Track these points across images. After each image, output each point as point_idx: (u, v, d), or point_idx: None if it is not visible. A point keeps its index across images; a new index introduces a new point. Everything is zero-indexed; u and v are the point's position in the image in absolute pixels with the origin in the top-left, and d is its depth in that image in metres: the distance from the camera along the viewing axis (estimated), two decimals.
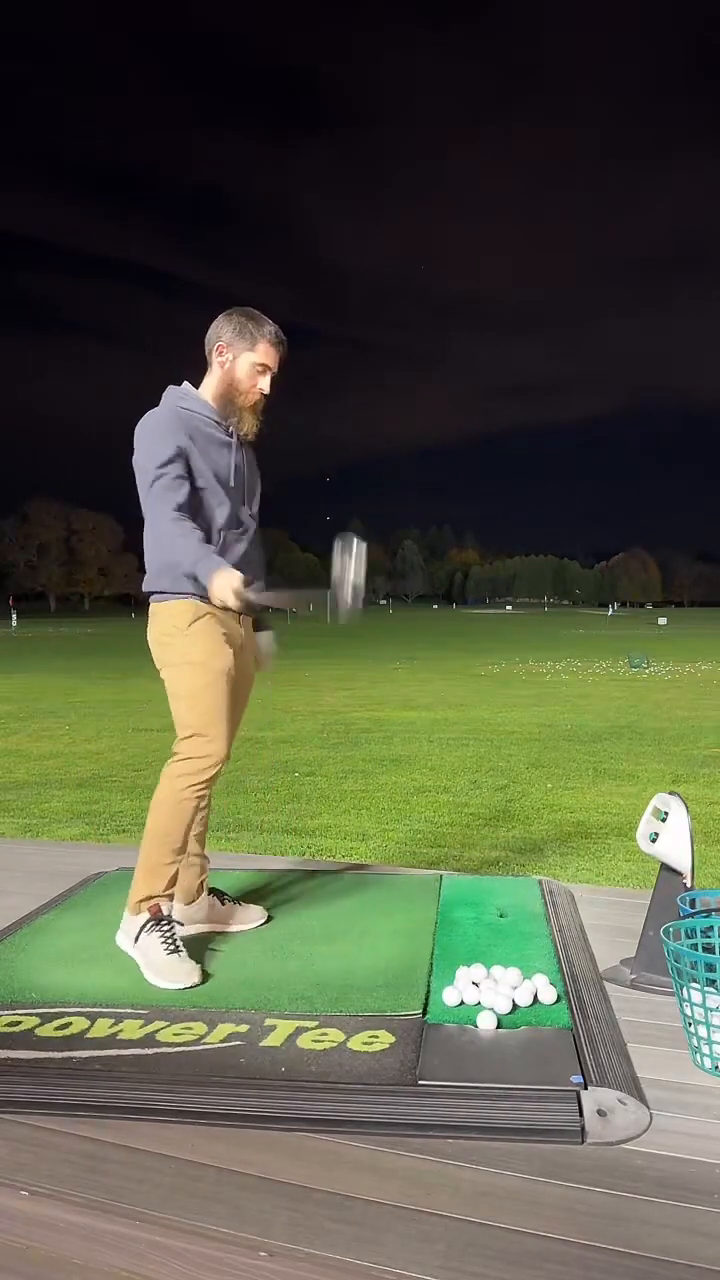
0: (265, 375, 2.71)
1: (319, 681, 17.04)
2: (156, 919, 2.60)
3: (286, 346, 2.73)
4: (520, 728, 10.40)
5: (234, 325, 2.68)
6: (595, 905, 3.17)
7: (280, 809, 6.31)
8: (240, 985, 2.45)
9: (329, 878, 3.46)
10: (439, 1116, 1.84)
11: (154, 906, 2.62)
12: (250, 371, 2.69)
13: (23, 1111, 1.91)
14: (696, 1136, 1.79)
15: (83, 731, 10.53)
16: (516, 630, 50.32)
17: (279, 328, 2.72)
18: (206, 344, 2.71)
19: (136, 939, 2.60)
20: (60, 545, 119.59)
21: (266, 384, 2.72)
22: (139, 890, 2.65)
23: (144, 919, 2.61)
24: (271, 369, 2.71)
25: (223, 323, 2.69)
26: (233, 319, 2.69)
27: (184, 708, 2.64)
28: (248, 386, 2.70)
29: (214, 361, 2.70)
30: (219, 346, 2.68)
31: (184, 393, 2.71)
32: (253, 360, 2.68)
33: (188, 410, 2.66)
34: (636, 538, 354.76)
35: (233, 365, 2.68)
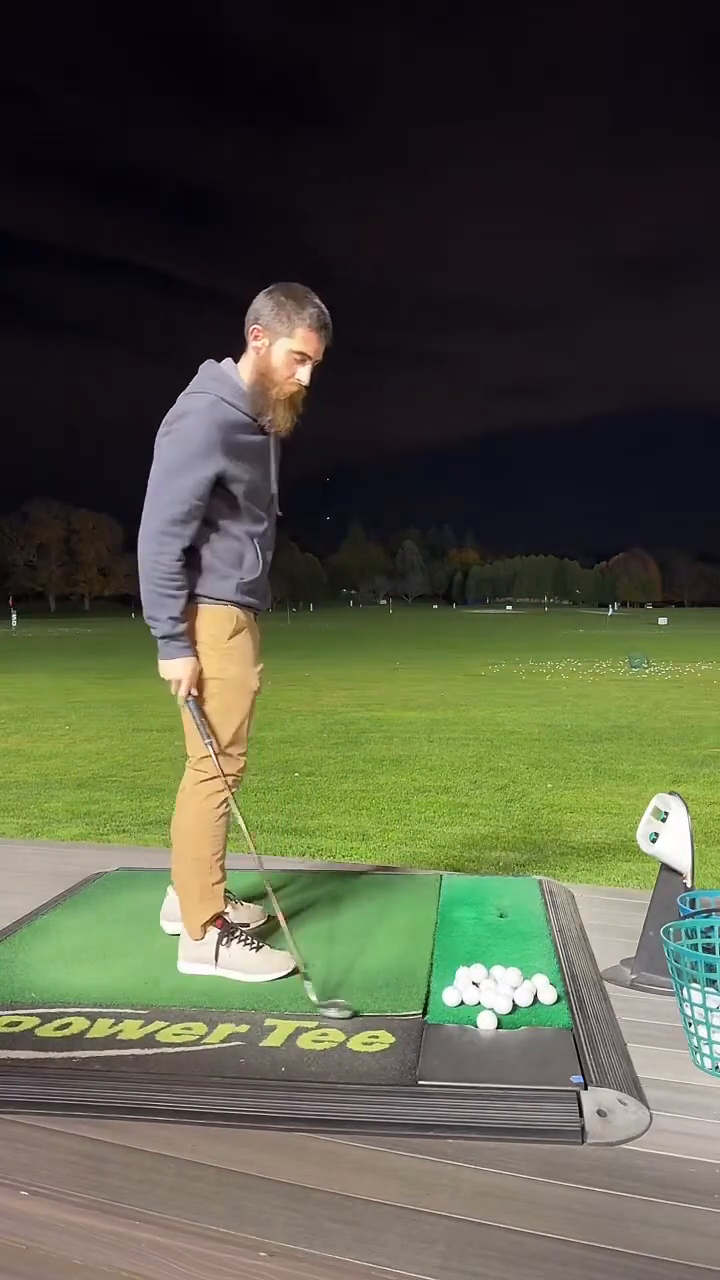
0: (304, 365, 2.43)
1: (319, 681, 17.04)
2: (228, 930, 2.55)
3: (331, 331, 2.45)
4: (520, 728, 10.40)
5: (272, 305, 2.40)
6: (595, 905, 3.17)
7: (280, 809, 6.31)
8: (240, 985, 2.45)
9: (329, 878, 3.46)
10: (439, 1116, 1.83)
11: (219, 921, 2.55)
12: (287, 360, 2.41)
13: (23, 1111, 1.91)
14: (696, 1136, 1.79)
15: (83, 731, 10.53)
16: (516, 630, 50.31)
17: (324, 309, 2.43)
18: (246, 322, 2.44)
19: (217, 958, 2.51)
20: (60, 545, 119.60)
21: (306, 374, 2.44)
22: (198, 916, 2.54)
23: (215, 936, 2.53)
24: (312, 358, 2.44)
25: (262, 300, 2.42)
26: (273, 296, 2.41)
27: (214, 724, 2.53)
28: (283, 377, 2.43)
29: (249, 343, 2.44)
30: (255, 329, 2.41)
31: (222, 378, 2.43)
32: (290, 348, 2.41)
33: (225, 405, 2.39)
34: (636, 538, 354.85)
35: (268, 352, 2.42)
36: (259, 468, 2.51)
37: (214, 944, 2.53)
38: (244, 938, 2.55)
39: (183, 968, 2.57)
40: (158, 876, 3.44)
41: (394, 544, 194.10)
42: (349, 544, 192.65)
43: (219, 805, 2.57)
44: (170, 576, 2.39)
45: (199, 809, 2.57)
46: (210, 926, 2.55)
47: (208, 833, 2.56)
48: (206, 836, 2.56)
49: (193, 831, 2.58)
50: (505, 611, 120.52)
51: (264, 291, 2.45)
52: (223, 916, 2.59)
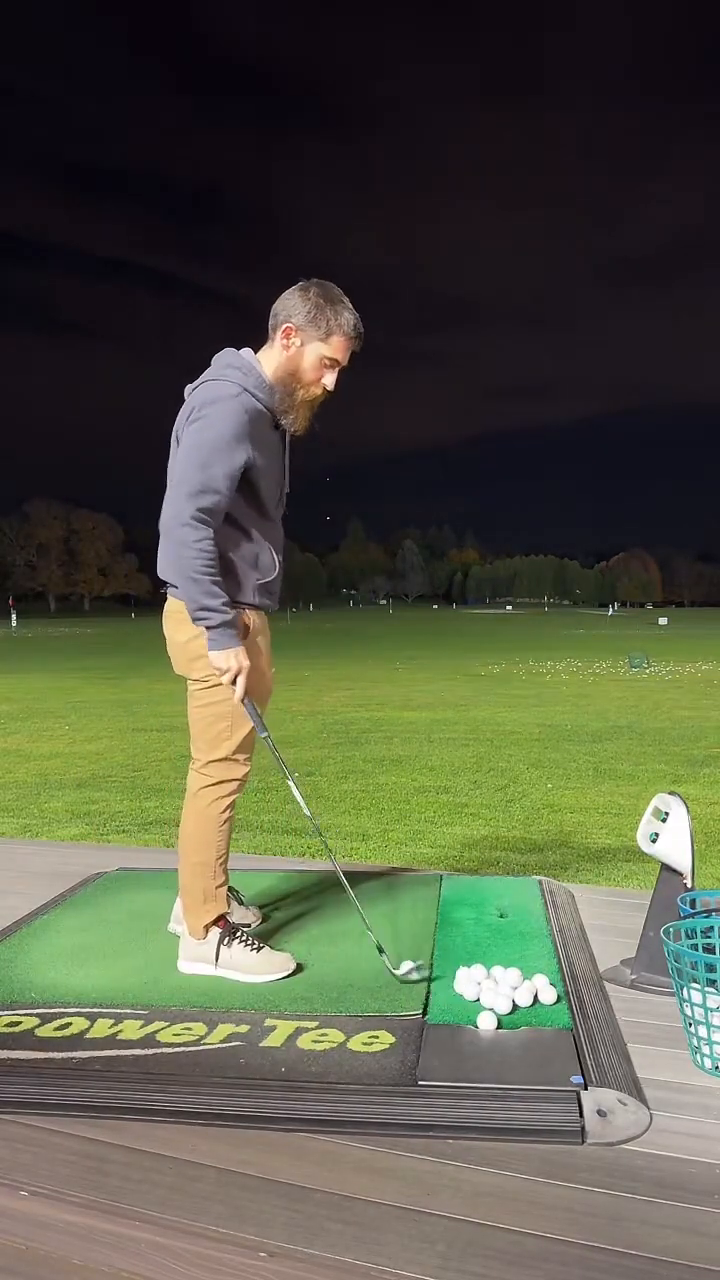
0: (333, 370, 2.40)
1: (319, 681, 17.04)
2: (230, 930, 2.54)
3: (363, 340, 2.41)
4: (520, 728, 10.40)
5: (310, 307, 2.34)
6: (595, 905, 3.17)
7: (280, 809, 6.30)
8: (240, 985, 2.45)
9: (329, 878, 3.46)
10: (439, 1117, 1.83)
11: (221, 922, 2.55)
12: (317, 364, 2.38)
13: (23, 1111, 1.91)
14: (696, 1136, 1.79)
15: (83, 731, 10.53)
16: (516, 630, 50.31)
17: (359, 318, 2.39)
18: (273, 315, 2.38)
19: (217, 958, 2.51)
20: (60, 545, 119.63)
21: (332, 380, 2.41)
22: (199, 917, 2.54)
23: (217, 936, 2.52)
24: (342, 364, 2.41)
25: (298, 299, 2.36)
26: (310, 297, 2.35)
27: (224, 729, 2.50)
28: (311, 379, 2.39)
29: (277, 340, 2.37)
30: (287, 328, 2.35)
31: (246, 369, 2.36)
32: (322, 352, 2.37)
33: (249, 395, 2.33)
34: (636, 538, 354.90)
35: (299, 352, 2.37)
36: (274, 465, 2.47)
37: (215, 944, 2.52)
38: (245, 938, 2.54)
39: (183, 967, 2.56)
40: (157, 876, 3.44)
41: (394, 544, 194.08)
42: (349, 544, 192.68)
43: (223, 810, 2.56)
44: (212, 563, 2.31)
45: (202, 813, 2.56)
46: (212, 927, 2.55)
47: (211, 837, 2.55)
48: (210, 841, 2.55)
49: (195, 835, 2.56)
50: (505, 611, 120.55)
51: (298, 289, 2.39)
52: (225, 917, 2.58)
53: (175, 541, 2.31)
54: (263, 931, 2.85)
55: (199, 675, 2.50)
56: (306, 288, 2.39)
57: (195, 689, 2.54)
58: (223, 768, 2.54)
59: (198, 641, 2.44)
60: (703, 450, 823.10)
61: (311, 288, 2.38)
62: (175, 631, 2.51)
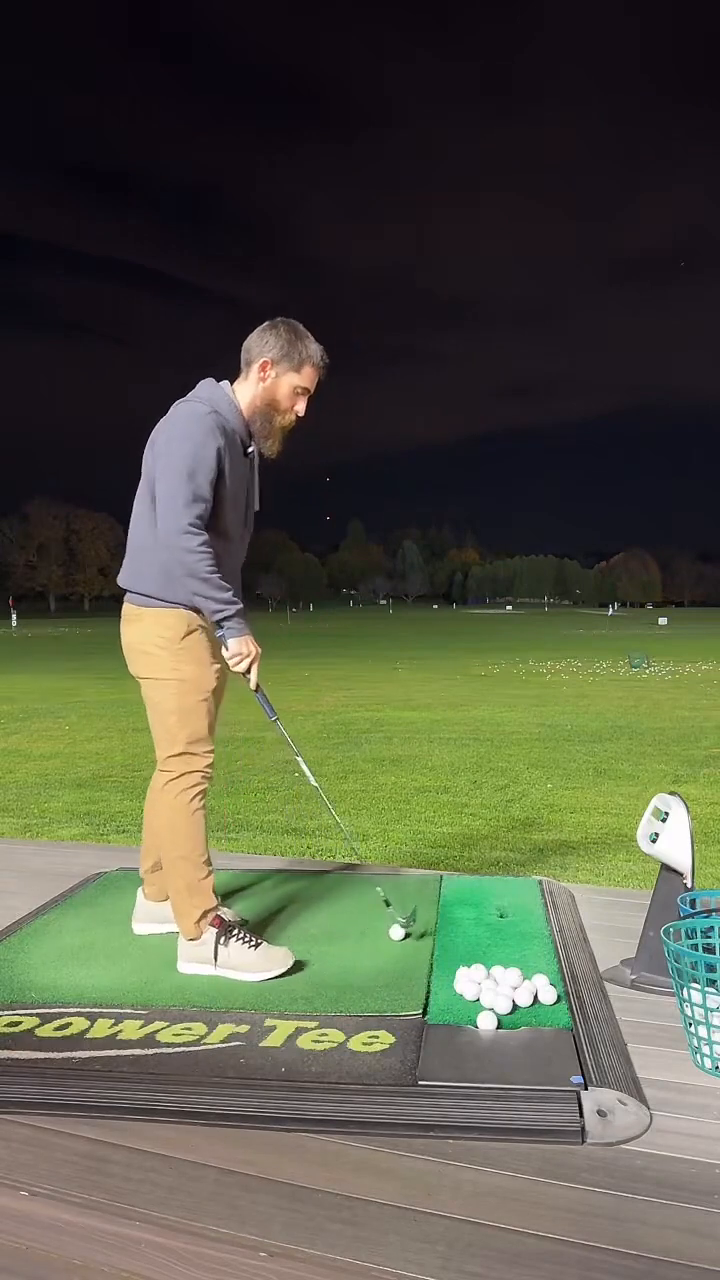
0: (304, 398, 2.62)
1: (319, 681, 17.04)
2: (225, 929, 2.55)
3: (328, 369, 2.65)
4: (520, 728, 10.40)
5: (282, 342, 2.57)
6: (595, 905, 3.17)
7: (280, 809, 6.31)
8: (240, 985, 2.45)
9: (329, 878, 3.46)
10: (439, 1117, 1.83)
11: (215, 919, 2.57)
12: (290, 393, 2.60)
13: (23, 1111, 1.91)
14: (696, 1136, 1.79)
15: (83, 731, 10.53)
16: (516, 630, 50.32)
17: (324, 349, 2.63)
18: (246, 351, 2.60)
19: (216, 958, 2.52)
20: (60, 545, 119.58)
21: (304, 407, 2.63)
22: (190, 913, 2.56)
23: (213, 935, 2.54)
24: (311, 392, 2.63)
25: (269, 336, 2.58)
26: (280, 334, 2.57)
27: (174, 724, 2.59)
28: (286, 407, 2.61)
29: (253, 374, 2.58)
30: (264, 361, 2.56)
31: (221, 398, 2.56)
32: (295, 382, 2.59)
33: (220, 417, 2.52)
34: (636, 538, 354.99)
35: (274, 384, 2.58)
36: (240, 490, 2.62)
37: (212, 943, 2.53)
38: (241, 935, 2.55)
39: (183, 968, 2.57)
40: None
41: (394, 544, 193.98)
42: (349, 544, 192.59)
43: (192, 801, 2.60)
44: (213, 565, 2.47)
45: (171, 807, 2.60)
46: (206, 925, 2.55)
47: (186, 830, 2.59)
48: (186, 834, 2.59)
49: (169, 830, 2.61)
50: (505, 611, 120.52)
51: (267, 327, 2.60)
52: (217, 914, 2.59)
53: (179, 549, 2.44)
54: (262, 932, 2.85)
55: (145, 674, 2.62)
56: (275, 325, 2.60)
57: (145, 688, 2.65)
58: (182, 761, 2.60)
59: (144, 642, 2.59)
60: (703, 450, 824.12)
61: (280, 325, 2.60)
62: (127, 632, 2.65)
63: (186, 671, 2.57)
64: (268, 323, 2.61)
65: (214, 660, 2.64)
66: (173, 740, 2.60)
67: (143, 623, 2.59)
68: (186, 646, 2.57)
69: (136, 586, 2.59)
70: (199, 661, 2.60)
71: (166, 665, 2.57)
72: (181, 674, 2.57)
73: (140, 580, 2.58)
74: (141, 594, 2.58)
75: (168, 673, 2.57)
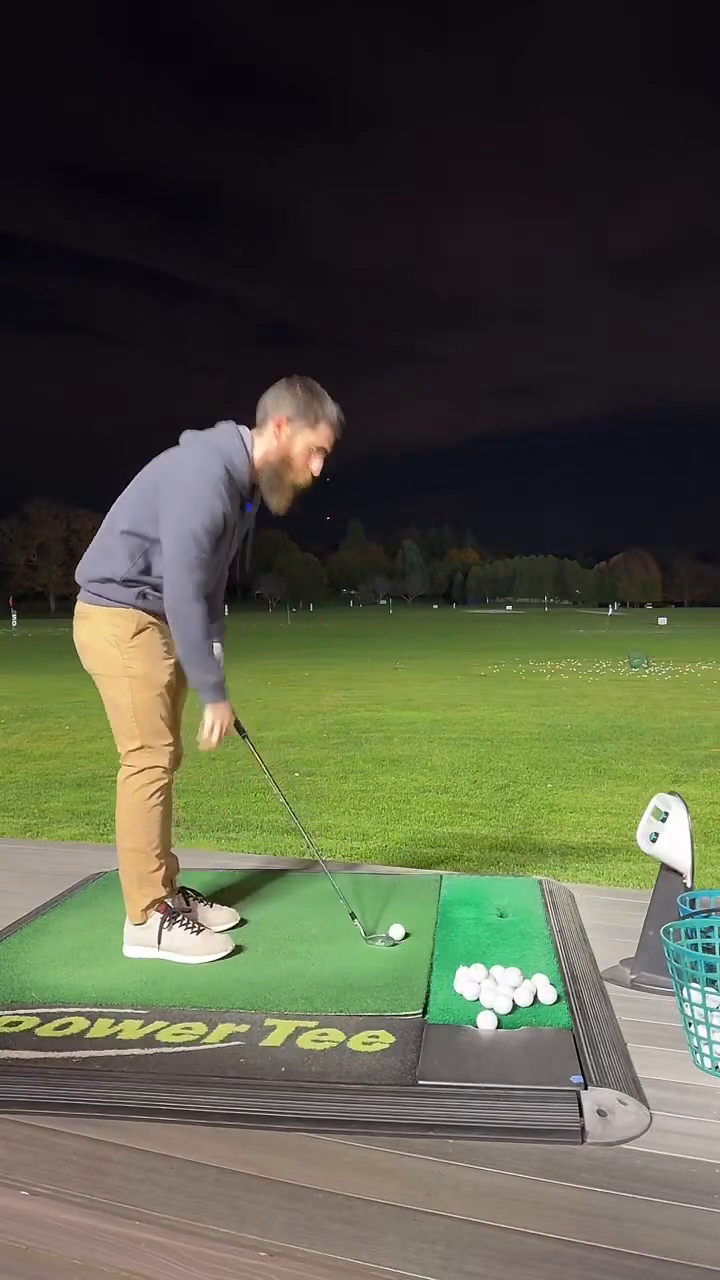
0: (319, 457, 2.63)
1: (319, 681, 17.04)
2: (169, 915, 2.66)
3: (344, 430, 2.65)
4: (520, 728, 10.40)
5: (300, 401, 2.57)
6: (595, 905, 3.17)
7: (280, 809, 6.31)
8: (240, 985, 2.45)
9: (329, 877, 3.46)
10: (439, 1116, 1.84)
11: (161, 906, 2.67)
12: (306, 452, 2.60)
13: (23, 1111, 1.91)
14: (696, 1136, 1.79)
15: (83, 731, 10.53)
16: (516, 630, 50.32)
17: (340, 409, 2.64)
18: (262, 408, 2.60)
19: (159, 941, 2.64)
20: (60, 545, 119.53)
21: (319, 466, 2.64)
22: (138, 901, 2.67)
23: (157, 920, 2.65)
24: (327, 451, 2.64)
25: (286, 393, 2.58)
26: (298, 393, 2.58)
27: (129, 720, 2.63)
28: (301, 465, 2.62)
29: (269, 429, 2.59)
30: (280, 419, 2.57)
31: (237, 451, 2.56)
32: (311, 441, 2.59)
33: (231, 478, 2.53)
34: (636, 538, 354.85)
35: (289, 441, 2.59)
36: (230, 536, 2.63)
37: (156, 927, 2.64)
38: (185, 922, 2.66)
39: (128, 951, 2.68)
40: None
41: (394, 544, 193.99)
42: (349, 544, 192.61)
43: (150, 796, 2.64)
44: (208, 632, 2.54)
45: (130, 801, 2.65)
46: (152, 911, 2.65)
47: (140, 823, 2.65)
48: (140, 827, 2.65)
49: (125, 822, 2.67)
50: (505, 611, 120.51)
51: (284, 385, 2.60)
52: (164, 902, 2.68)
53: (183, 617, 2.51)
54: (263, 931, 2.86)
55: (97, 670, 2.67)
56: (292, 383, 2.60)
57: (99, 685, 2.69)
58: (142, 755, 2.65)
59: (95, 639, 2.63)
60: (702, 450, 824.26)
61: (297, 383, 2.60)
62: (78, 630, 2.69)
63: (138, 668, 2.61)
64: (285, 380, 2.61)
65: (166, 656, 2.67)
66: (130, 735, 2.65)
67: (92, 620, 2.64)
68: (137, 644, 2.61)
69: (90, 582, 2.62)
70: (150, 658, 2.63)
71: (118, 662, 2.61)
72: (133, 670, 2.61)
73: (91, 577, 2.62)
74: (94, 593, 2.62)
75: (119, 669, 2.62)
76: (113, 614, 2.61)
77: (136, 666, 2.61)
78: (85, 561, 2.67)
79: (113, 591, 2.59)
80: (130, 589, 2.59)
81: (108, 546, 2.60)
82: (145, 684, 2.62)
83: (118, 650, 2.60)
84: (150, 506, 2.54)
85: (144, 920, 2.66)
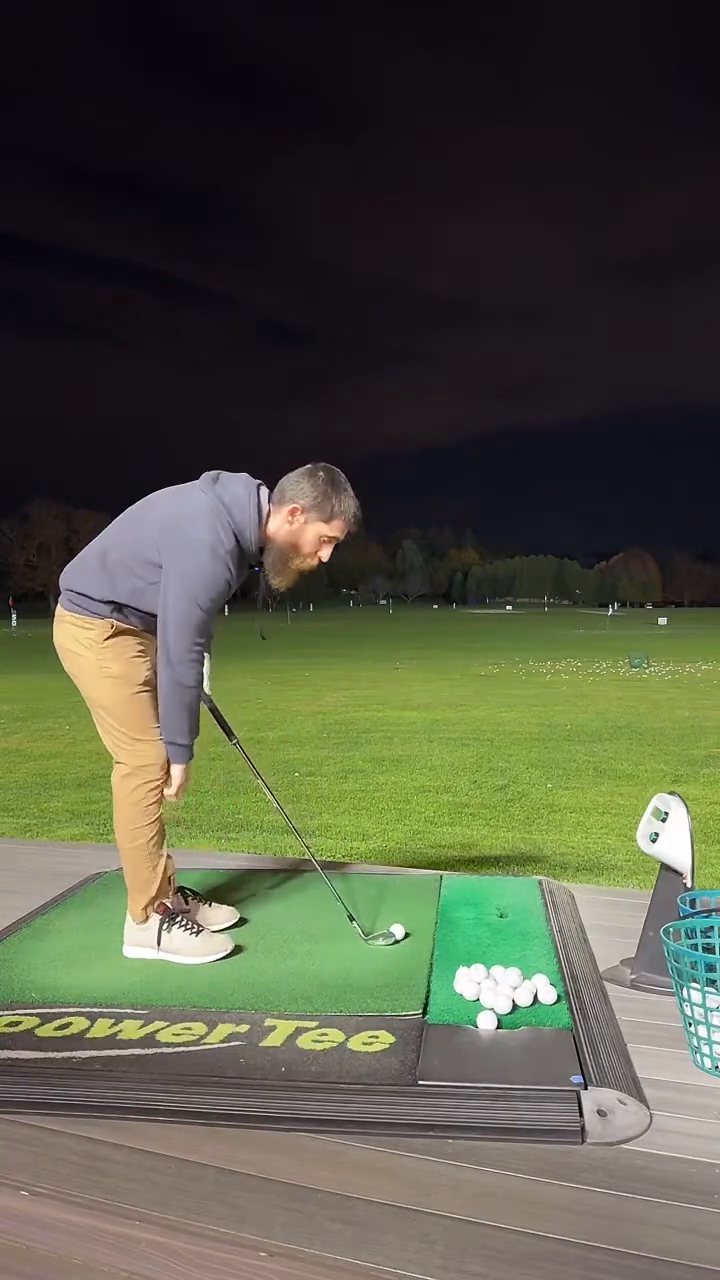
0: (329, 546, 2.63)
1: (319, 681, 17.03)
2: (170, 916, 2.67)
3: (360, 524, 2.65)
4: (520, 728, 10.40)
5: (318, 492, 2.55)
6: (595, 905, 3.17)
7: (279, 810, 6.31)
8: (240, 985, 2.45)
9: (328, 878, 3.46)
10: (439, 1116, 1.83)
11: (160, 907, 2.68)
12: (316, 541, 2.60)
13: (23, 1111, 1.91)
14: (696, 1136, 1.79)
15: (83, 731, 10.52)
16: (516, 630, 50.32)
17: (359, 505, 2.63)
18: (280, 492, 2.58)
19: (159, 942, 2.65)
20: (60, 545, 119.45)
21: (328, 554, 2.64)
22: (139, 900, 2.68)
23: (157, 921, 2.66)
24: (339, 540, 2.64)
25: (306, 483, 2.57)
26: (319, 484, 2.56)
27: (115, 720, 2.64)
28: (309, 551, 2.62)
29: (283, 513, 2.56)
30: (294, 507, 2.55)
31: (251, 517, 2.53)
32: (323, 532, 2.59)
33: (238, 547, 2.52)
34: (636, 538, 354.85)
35: (301, 529, 2.58)
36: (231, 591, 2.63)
37: (156, 928, 2.65)
38: (185, 923, 2.66)
39: (128, 952, 2.68)
40: None
41: (394, 544, 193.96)
42: (349, 544, 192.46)
43: (146, 795, 2.64)
44: (194, 685, 2.55)
45: (127, 802, 2.66)
46: (152, 911, 2.66)
47: (138, 822, 2.65)
48: (139, 824, 2.65)
49: (123, 824, 2.67)
50: (505, 611, 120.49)
51: (307, 473, 2.58)
52: (164, 903, 2.69)
53: (179, 680, 2.51)
54: (263, 931, 2.86)
55: (76, 672, 2.67)
56: (315, 472, 2.58)
57: (81, 688, 2.69)
58: (134, 753, 2.64)
59: (71, 642, 2.64)
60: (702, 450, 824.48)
61: (320, 473, 2.59)
62: (56, 633, 2.68)
63: (114, 668, 2.62)
64: (309, 466, 2.60)
65: (140, 655, 2.66)
66: (118, 735, 2.65)
67: (66, 624, 2.65)
68: (111, 645, 2.62)
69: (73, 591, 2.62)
70: (124, 658, 2.63)
71: (94, 664, 2.62)
72: (108, 671, 2.62)
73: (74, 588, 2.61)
74: (71, 600, 2.62)
75: (94, 671, 2.63)
76: (86, 621, 2.61)
77: (113, 667, 2.61)
78: (70, 569, 2.67)
79: (88, 604, 2.60)
80: (107, 606, 2.59)
81: (94, 569, 2.60)
82: (123, 682, 2.62)
83: (92, 653, 2.61)
84: (148, 547, 2.51)
85: (145, 919, 2.67)
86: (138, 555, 2.53)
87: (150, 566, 2.52)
